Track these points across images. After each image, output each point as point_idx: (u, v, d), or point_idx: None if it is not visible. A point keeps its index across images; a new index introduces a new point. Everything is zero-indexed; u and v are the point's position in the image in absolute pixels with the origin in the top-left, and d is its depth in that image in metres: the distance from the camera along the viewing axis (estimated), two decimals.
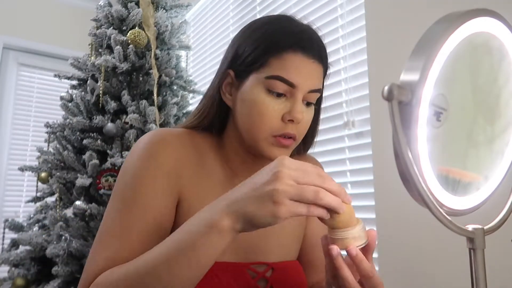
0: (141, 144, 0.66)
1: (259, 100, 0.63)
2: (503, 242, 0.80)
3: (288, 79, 0.62)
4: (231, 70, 0.68)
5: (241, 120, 0.67)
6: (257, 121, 0.63)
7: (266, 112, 0.63)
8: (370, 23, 1.36)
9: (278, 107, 0.63)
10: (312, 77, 0.65)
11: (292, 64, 0.63)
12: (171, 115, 1.88)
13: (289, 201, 0.46)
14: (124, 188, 0.64)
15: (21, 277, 1.71)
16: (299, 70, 0.63)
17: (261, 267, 0.68)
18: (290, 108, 0.63)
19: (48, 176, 1.87)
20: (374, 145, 1.30)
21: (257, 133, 0.64)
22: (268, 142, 0.64)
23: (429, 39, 0.42)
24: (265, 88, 0.63)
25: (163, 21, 2.00)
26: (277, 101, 0.63)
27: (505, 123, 0.50)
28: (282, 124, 0.63)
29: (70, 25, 3.22)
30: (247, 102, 0.65)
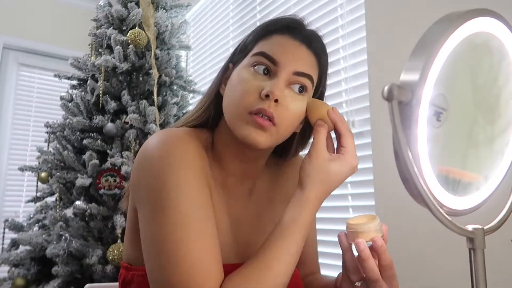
0: (157, 150, 0.59)
1: (241, 77, 0.63)
2: (503, 242, 0.80)
3: (270, 55, 0.62)
4: (231, 63, 0.70)
5: (225, 102, 0.65)
6: (236, 98, 0.62)
7: (244, 87, 0.62)
8: (370, 23, 1.36)
9: (258, 84, 0.61)
10: (298, 59, 0.64)
11: (278, 43, 0.64)
12: (171, 115, 1.88)
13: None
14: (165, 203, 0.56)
15: (21, 277, 1.71)
16: (284, 49, 0.63)
17: None
18: (270, 85, 0.60)
19: (48, 176, 1.87)
20: (374, 145, 1.30)
21: (235, 112, 0.62)
22: (244, 120, 0.60)
23: (429, 39, 0.42)
24: (250, 66, 0.64)
25: (163, 21, 2.00)
26: (258, 78, 0.62)
27: (505, 123, 0.50)
28: (259, 99, 0.60)
29: (70, 25, 3.22)
30: (232, 82, 0.65)
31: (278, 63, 0.62)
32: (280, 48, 0.63)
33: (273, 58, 0.62)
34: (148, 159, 0.60)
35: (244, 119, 0.60)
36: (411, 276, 1.14)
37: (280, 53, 0.63)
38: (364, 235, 0.57)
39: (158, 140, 0.61)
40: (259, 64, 0.63)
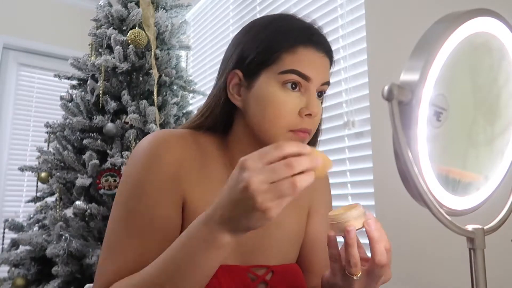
0: (141, 149, 0.65)
1: (274, 97, 0.63)
2: (503, 242, 0.80)
3: (303, 72, 0.63)
4: (239, 70, 0.67)
5: (255, 119, 0.65)
6: (273, 118, 0.63)
7: (282, 108, 0.62)
8: (370, 23, 1.36)
9: (294, 102, 0.63)
10: (324, 70, 0.66)
11: (306, 58, 0.64)
12: (171, 115, 1.88)
13: (274, 202, 0.45)
14: (127, 196, 0.63)
15: (21, 277, 1.71)
16: (313, 63, 0.64)
17: (261, 270, 0.68)
18: (306, 102, 0.63)
19: (48, 176, 1.87)
20: (374, 145, 1.30)
21: (274, 130, 0.63)
22: (286, 137, 0.63)
23: (429, 39, 0.42)
24: (280, 83, 0.63)
25: (163, 21, 2.00)
26: (292, 96, 0.63)
27: (505, 123, 0.50)
28: (299, 119, 0.63)
29: (70, 25, 3.22)
30: (261, 100, 0.64)
31: (311, 79, 0.64)
32: (310, 64, 0.64)
33: (307, 75, 0.63)
34: (132, 156, 0.66)
35: (286, 137, 0.64)
36: (411, 276, 1.14)
37: (311, 69, 0.63)
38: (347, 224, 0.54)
39: (148, 140, 0.66)
40: (290, 81, 0.63)
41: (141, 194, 0.62)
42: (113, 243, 0.61)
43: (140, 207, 0.61)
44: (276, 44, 0.64)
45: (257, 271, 0.67)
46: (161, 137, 0.66)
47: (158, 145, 0.65)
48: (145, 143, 0.65)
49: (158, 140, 0.65)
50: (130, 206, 0.62)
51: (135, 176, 0.63)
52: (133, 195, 0.62)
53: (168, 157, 0.64)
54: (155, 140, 0.65)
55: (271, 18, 0.69)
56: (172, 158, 0.64)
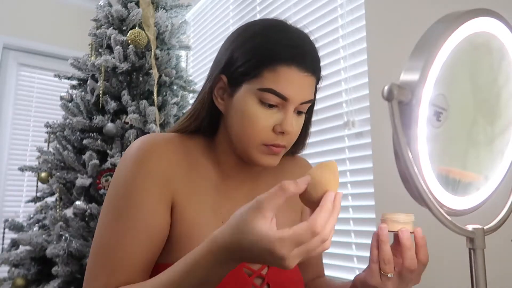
0: (130, 153, 0.66)
1: (251, 111, 0.64)
2: (503, 242, 0.80)
3: (280, 93, 0.62)
4: (224, 75, 0.68)
5: (232, 128, 0.67)
6: (248, 131, 0.64)
7: (257, 123, 0.63)
8: (370, 23, 1.36)
9: (269, 118, 0.64)
10: (304, 90, 0.65)
11: (286, 78, 0.63)
12: (171, 115, 1.88)
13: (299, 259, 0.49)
14: (116, 199, 0.64)
15: (21, 277, 1.71)
16: (292, 83, 0.63)
17: (257, 265, 0.68)
18: (281, 120, 0.64)
19: (48, 176, 1.87)
20: (374, 145, 1.30)
21: (247, 142, 0.65)
22: (259, 150, 0.65)
23: (429, 39, 0.42)
24: (258, 99, 0.64)
25: (163, 21, 2.00)
26: (268, 112, 0.64)
27: (505, 123, 0.50)
28: (273, 135, 0.64)
29: (70, 25, 3.22)
30: (239, 111, 0.65)
31: (288, 98, 0.63)
32: (289, 84, 0.63)
33: (283, 95, 0.63)
34: (122, 160, 0.67)
35: (259, 149, 0.65)
36: None
37: (290, 89, 0.63)
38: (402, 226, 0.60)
39: (135, 146, 0.67)
40: (268, 101, 0.63)
41: (129, 197, 0.63)
42: (102, 247, 0.62)
43: (130, 211, 0.62)
44: (259, 59, 0.63)
45: (253, 266, 0.68)
46: (149, 142, 0.67)
47: (146, 149, 0.66)
48: (133, 149, 0.66)
49: (146, 145, 0.66)
50: (119, 209, 0.62)
51: (123, 180, 0.64)
52: (122, 199, 0.63)
53: (156, 161, 0.65)
54: (143, 145, 0.66)
55: (262, 27, 0.68)
56: (160, 162, 0.65)
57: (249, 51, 0.65)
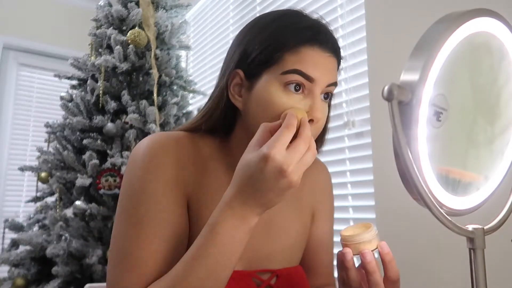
0: (140, 154, 0.62)
1: (275, 99, 0.59)
2: (503, 242, 0.80)
3: (306, 73, 0.59)
4: (240, 70, 0.64)
5: (254, 120, 0.61)
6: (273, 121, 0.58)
7: (283, 111, 0.58)
8: (370, 23, 1.36)
9: (297, 104, 0.59)
10: (329, 71, 0.61)
11: (310, 58, 0.59)
12: (171, 115, 1.88)
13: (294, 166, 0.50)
14: (132, 205, 0.60)
15: (21, 277, 1.71)
16: (317, 64, 0.60)
17: (265, 275, 0.67)
18: (309, 106, 0.59)
19: (48, 176, 1.87)
20: (374, 145, 1.30)
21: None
22: None
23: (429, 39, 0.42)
24: (282, 85, 0.59)
25: (163, 21, 2.00)
26: (294, 98, 0.59)
27: (505, 123, 0.50)
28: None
29: (70, 25, 3.22)
30: (262, 102, 0.60)
31: (315, 80, 0.59)
32: (315, 64, 0.60)
33: (310, 76, 0.59)
34: (131, 161, 0.63)
35: None
36: (411, 276, 1.14)
37: (315, 69, 0.59)
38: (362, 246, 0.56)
39: (145, 145, 0.63)
40: (293, 83, 0.59)
41: (146, 201, 0.60)
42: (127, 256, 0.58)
43: (148, 213, 0.59)
44: (278, 43, 0.60)
45: (261, 275, 0.67)
46: (159, 141, 0.64)
47: (156, 149, 0.62)
48: (143, 148, 0.63)
49: (156, 144, 0.63)
50: (138, 215, 0.59)
51: (137, 184, 0.61)
52: (139, 203, 0.60)
53: (168, 161, 0.62)
54: (153, 144, 0.63)
55: (276, 15, 0.65)
56: (172, 161, 0.63)
57: (267, 38, 0.61)
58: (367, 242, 0.56)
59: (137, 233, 0.58)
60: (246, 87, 0.63)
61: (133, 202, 0.60)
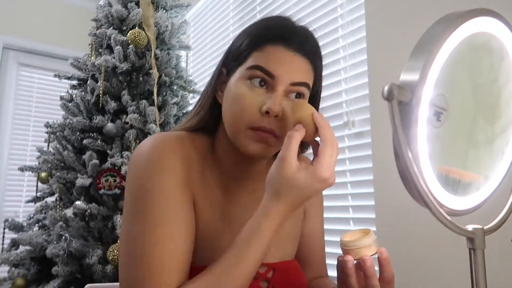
0: (145, 155, 0.62)
1: (239, 92, 0.63)
2: (503, 242, 0.80)
3: (267, 69, 0.61)
4: (224, 68, 0.69)
5: (225, 115, 0.66)
6: (235, 113, 0.62)
7: (243, 103, 0.61)
8: (370, 23, 1.36)
9: (256, 99, 0.61)
10: (293, 70, 0.63)
11: (273, 56, 0.62)
12: (171, 115, 1.88)
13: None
14: (145, 205, 0.59)
15: (21, 277, 1.71)
16: (279, 61, 0.62)
17: (262, 268, 0.68)
18: (267, 98, 0.61)
19: (48, 176, 1.87)
20: (374, 145, 1.30)
21: (236, 127, 0.63)
22: (246, 135, 0.62)
23: (429, 39, 0.42)
24: (246, 79, 0.63)
25: (163, 21, 2.00)
26: (255, 92, 0.62)
27: (505, 123, 0.50)
28: (259, 116, 0.61)
29: (70, 25, 3.22)
30: (229, 95, 0.64)
31: (275, 76, 0.62)
32: (275, 60, 0.62)
33: (269, 72, 0.62)
34: (136, 162, 0.63)
35: (245, 134, 0.62)
36: (411, 276, 1.14)
37: (276, 66, 0.62)
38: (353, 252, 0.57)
39: (149, 145, 0.64)
40: (255, 77, 0.62)
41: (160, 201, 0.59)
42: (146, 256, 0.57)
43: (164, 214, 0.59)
44: (249, 42, 0.65)
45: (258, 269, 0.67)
46: (161, 141, 0.64)
47: (161, 149, 0.63)
48: (147, 149, 0.63)
49: (160, 144, 0.63)
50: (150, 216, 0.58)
51: (148, 185, 0.60)
52: (154, 203, 0.59)
53: (175, 161, 0.63)
54: (157, 144, 0.63)
55: (261, 18, 0.71)
56: (179, 160, 0.63)
57: (242, 37, 0.67)
58: (367, 247, 0.56)
59: (154, 234, 0.57)
60: (226, 83, 0.67)
61: (145, 202, 0.59)
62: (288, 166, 0.55)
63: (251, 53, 0.64)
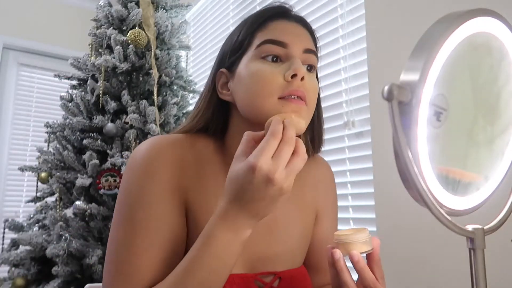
0: (138, 159, 0.62)
1: (255, 70, 0.61)
2: (503, 242, 0.80)
3: (277, 39, 0.62)
4: (223, 68, 0.68)
5: (244, 100, 0.63)
6: (259, 90, 0.60)
7: (265, 76, 0.60)
8: (370, 23, 1.36)
9: (277, 69, 0.60)
10: (301, 37, 0.64)
11: (278, 27, 0.64)
12: (171, 115, 1.88)
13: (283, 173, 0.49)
14: (129, 212, 0.60)
15: (21, 277, 1.71)
16: (287, 31, 0.64)
17: (268, 277, 0.67)
18: (289, 65, 0.60)
19: (48, 176, 1.87)
20: (374, 145, 1.30)
21: (262, 103, 0.59)
22: (278, 108, 0.59)
23: (429, 39, 0.42)
24: (258, 58, 0.62)
25: (163, 21, 2.00)
26: (273, 65, 0.61)
27: (505, 123, 0.50)
28: (286, 83, 0.59)
29: (70, 25, 3.22)
30: (244, 79, 0.62)
31: (288, 44, 0.62)
32: (283, 31, 0.63)
33: (282, 41, 0.62)
34: (128, 167, 0.63)
35: (277, 108, 0.59)
36: (411, 276, 1.14)
37: (285, 35, 0.62)
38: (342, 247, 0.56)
39: (142, 150, 0.64)
40: (268, 54, 0.61)
41: (143, 208, 0.60)
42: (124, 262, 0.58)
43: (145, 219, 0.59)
44: (247, 28, 0.65)
45: (264, 278, 0.66)
46: (157, 144, 0.64)
47: (154, 153, 0.63)
48: (141, 153, 0.63)
49: (154, 148, 0.63)
50: (134, 221, 0.59)
51: (134, 191, 0.61)
52: (136, 209, 0.60)
53: (166, 167, 0.62)
54: (151, 148, 0.63)
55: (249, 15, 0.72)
56: (170, 167, 0.63)
57: (237, 31, 0.68)
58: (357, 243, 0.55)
59: (133, 240, 0.58)
60: (231, 79, 0.67)
61: (130, 208, 0.60)
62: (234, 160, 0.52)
63: (255, 35, 0.64)
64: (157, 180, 0.61)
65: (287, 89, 0.59)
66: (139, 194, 0.60)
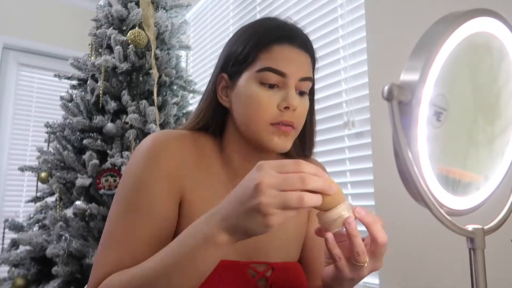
0: (143, 147, 0.67)
1: (253, 94, 0.66)
2: (503, 242, 0.80)
3: (278, 69, 0.65)
4: (225, 73, 0.71)
5: (239, 116, 0.69)
6: (254, 114, 0.66)
7: (261, 103, 0.65)
8: (370, 23, 1.36)
9: (273, 97, 0.66)
10: (301, 66, 0.68)
11: (281, 55, 0.66)
12: (171, 115, 1.88)
13: (277, 210, 0.46)
14: (127, 192, 0.65)
15: (21, 277, 1.71)
16: (288, 59, 0.66)
17: (261, 267, 0.68)
18: (284, 96, 0.66)
19: (48, 176, 1.87)
20: (374, 145, 1.30)
21: (255, 125, 0.66)
22: (268, 132, 0.66)
23: (429, 39, 0.42)
24: (258, 81, 0.66)
25: (163, 21, 2.00)
26: (270, 92, 0.66)
27: (505, 123, 0.50)
28: (279, 112, 0.65)
29: (70, 25, 3.22)
30: (242, 98, 0.67)
31: (286, 74, 0.66)
32: (285, 59, 0.66)
33: (281, 71, 0.65)
34: (134, 155, 0.68)
35: (268, 131, 0.66)
36: (411, 276, 1.14)
37: (285, 64, 0.66)
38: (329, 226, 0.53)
39: (149, 140, 0.68)
40: (267, 81, 0.66)
41: (140, 189, 0.64)
42: (109, 237, 0.63)
43: (139, 200, 0.63)
44: (253, 44, 0.68)
45: (257, 267, 0.68)
46: (161, 137, 0.69)
47: (158, 144, 0.67)
48: (146, 143, 0.68)
49: (158, 140, 0.68)
50: (129, 201, 0.64)
51: (135, 173, 0.65)
52: (133, 189, 0.64)
53: (168, 156, 0.66)
54: (155, 140, 0.68)
55: (254, 21, 0.74)
56: (171, 156, 0.67)
57: (243, 42, 0.69)
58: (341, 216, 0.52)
59: (124, 217, 0.63)
60: (230, 88, 0.71)
61: (129, 188, 0.65)
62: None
63: (258, 55, 0.67)
64: (159, 167, 0.65)
65: (279, 119, 0.65)
66: (140, 177, 0.64)
